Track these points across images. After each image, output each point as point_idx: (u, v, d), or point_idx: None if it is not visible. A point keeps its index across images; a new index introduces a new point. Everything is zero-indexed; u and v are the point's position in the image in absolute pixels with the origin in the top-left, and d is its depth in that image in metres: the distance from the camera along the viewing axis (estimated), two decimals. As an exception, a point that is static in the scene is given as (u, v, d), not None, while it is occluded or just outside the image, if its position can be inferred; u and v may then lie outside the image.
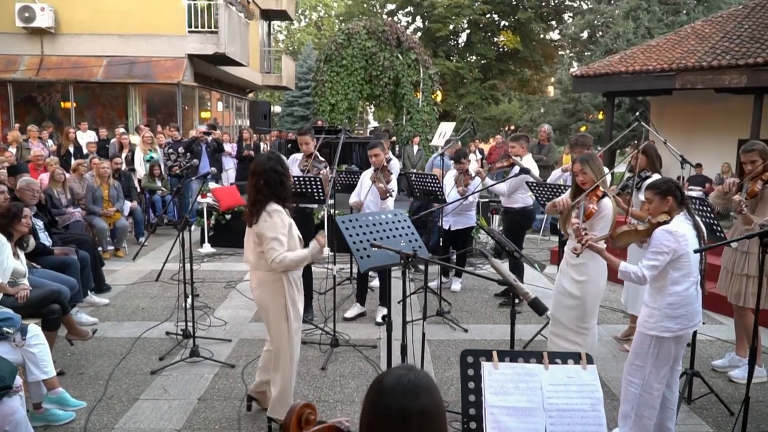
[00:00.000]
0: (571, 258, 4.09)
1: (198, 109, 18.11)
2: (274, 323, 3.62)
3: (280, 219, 3.45)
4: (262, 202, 3.47)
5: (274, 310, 3.58)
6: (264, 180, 3.47)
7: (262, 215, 3.44)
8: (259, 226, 3.45)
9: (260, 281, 3.60)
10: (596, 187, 3.93)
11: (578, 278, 4.06)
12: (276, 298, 3.56)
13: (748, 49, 11.91)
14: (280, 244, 3.40)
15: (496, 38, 33.00)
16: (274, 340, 3.65)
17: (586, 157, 4.09)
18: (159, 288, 6.81)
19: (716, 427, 3.88)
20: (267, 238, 3.40)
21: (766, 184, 4.27)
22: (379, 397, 1.41)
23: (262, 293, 3.61)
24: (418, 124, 14.79)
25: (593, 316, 4.18)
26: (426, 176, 6.16)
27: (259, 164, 3.56)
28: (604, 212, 3.95)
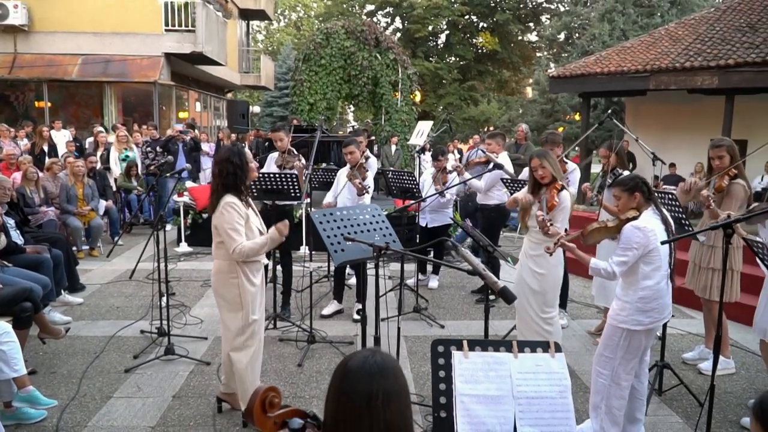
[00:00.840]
0: (530, 249, 4.29)
1: (175, 108, 17.95)
2: (227, 313, 3.66)
3: (236, 210, 3.52)
4: (218, 193, 3.58)
5: (228, 301, 3.64)
6: (219, 169, 3.59)
7: (218, 207, 3.54)
8: (215, 218, 3.56)
9: (217, 270, 3.68)
10: (555, 181, 4.10)
11: (538, 270, 4.24)
12: (229, 288, 3.62)
13: (719, 51, 12.14)
14: (237, 234, 3.48)
15: (475, 39, 33.21)
16: (227, 330, 3.67)
17: (543, 152, 4.28)
18: (134, 287, 6.75)
19: (686, 418, 3.96)
20: (223, 230, 3.50)
21: (733, 180, 4.38)
22: (344, 378, 1.43)
23: (217, 282, 3.69)
24: (397, 124, 14.81)
25: (555, 304, 4.36)
26: (403, 174, 6.19)
27: (220, 155, 3.67)
28: (563, 204, 4.16)
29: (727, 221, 2.73)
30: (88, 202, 8.15)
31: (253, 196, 5.22)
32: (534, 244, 4.26)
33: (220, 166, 3.59)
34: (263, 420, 1.52)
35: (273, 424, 1.54)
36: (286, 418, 1.55)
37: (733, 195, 4.35)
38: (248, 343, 3.66)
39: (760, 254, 2.87)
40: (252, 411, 1.51)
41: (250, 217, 3.63)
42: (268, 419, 1.53)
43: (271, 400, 1.53)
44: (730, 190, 4.38)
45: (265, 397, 1.52)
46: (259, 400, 1.51)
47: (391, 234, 3.47)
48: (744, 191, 4.34)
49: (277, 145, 5.60)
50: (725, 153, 4.40)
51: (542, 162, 4.14)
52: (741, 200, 4.32)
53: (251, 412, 1.51)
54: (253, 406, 1.50)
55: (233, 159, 3.57)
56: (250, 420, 1.52)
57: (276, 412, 1.54)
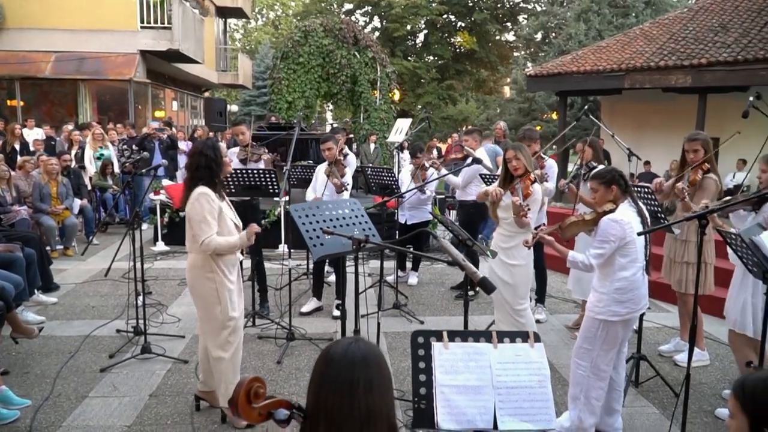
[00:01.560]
0: (501, 242, 4.35)
1: (151, 107, 17.73)
2: (204, 308, 3.61)
3: (207, 202, 3.46)
4: (191, 185, 3.53)
5: (204, 296, 3.58)
6: (191, 162, 3.56)
7: (189, 198, 3.49)
8: (187, 209, 3.51)
9: (192, 265, 3.61)
10: (528, 173, 4.19)
11: (509, 261, 4.29)
12: (205, 283, 3.55)
13: (692, 50, 12.34)
14: (208, 226, 3.42)
15: (453, 39, 33.37)
16: (205, 326, 3.63)
17: (517, 145, 4.38)
18: (110, 286, 6.65)
19: (662, 408, 4.02)
20: (194, 221, 3.45)
21: (706, 174, 4.44)
22: (327, 366, 1.42)
23: (192, 277, 3.62)
24: (376, 122, 14.83)
25: (526, 296, 4.42)
26: (382, 170, 6.19)
27: (193, 148, 3.67)
28: (536, 195, 4.25)
29: (703, 211, 2.77)
30: (62, 201, 8.01)
31: (231, 193, 5.17)
32: (505, 236, 4.31)
33: (193, 159, 3.55)
34: (248, 410, 1.50)
35: (258, 415, 1.52)
36: (272, 409, 1.53)
37: (705, 189, 4.41)
38: (229, 340, 3.61)
39: (733, 245, 2.92)
40: (237, 401, 1.48)
41: (223, 209, 3.58)
42: (253, 410, 1.51)
43: (256, 390, 1.51)
44: (702, 184, 4.44)
45: (250, 388, 1.50)
46: (244, 391, 1.49)
47: (371, 228, 3.46)
48: (716, 186, 4.41)
49: (239, 139, 5.59)
50: (700, 147, 4.47)
51: (516, 154, 4.22)
52: (712, 194, 4.38)
53: (236, 402, 1.48)
54: (238, 396, 1.48)
55: (207, 152, 3.54)
56: (235, 411, 1.49)
57: (261, 402, 1.52)
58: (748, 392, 1.54)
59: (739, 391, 1.57)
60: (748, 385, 1.55)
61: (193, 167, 3.54)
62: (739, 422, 1.55)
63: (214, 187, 3.56)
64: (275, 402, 1.54)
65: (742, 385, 1.57)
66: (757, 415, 1.51)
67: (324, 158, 5.75)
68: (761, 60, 11.04)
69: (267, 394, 1.55)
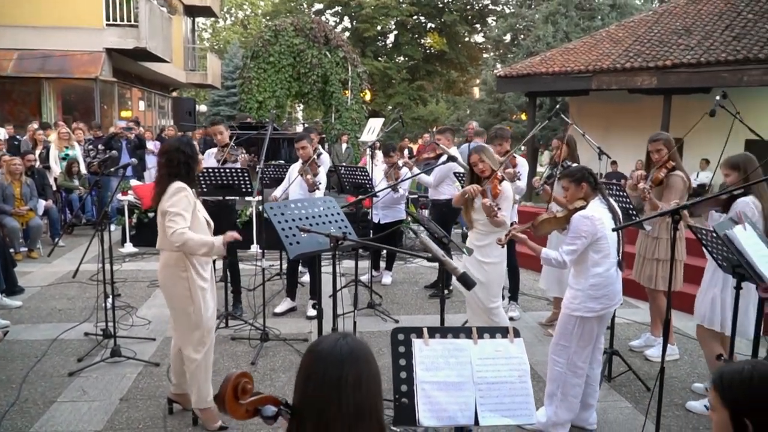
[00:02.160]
0: (476, 241, 4.34)
1: (118, 106, 17.39)
2: (177, 308, 3.53)
3: (185, 197, 3.39)
4: (165, 180, 3.44)
5: (178, 296, 3.49)
6: (167, 159, 3.46)
7: (167, 192, 3.40)
8: (162, 203, 3.40)
9: (164, 263, 3.52)
10: (495, 173, 4.21)
11: (484, 259, 4.27)
12: (179, 282, 3.47)
13: (657, 52, 12.61)
14: (182, 219, 3.34)
15: (423, 40, 33.49)
16: (178, 326, 3.56)
17: (479, 147, 4.38)
18: (77, 289, 6.49)
19: (635, 402, 4.08)
20: (168, 213, 3.34)
21: (671, 172, 4.52)
22: (314, 363, 1.39)
23: (164, 277, 3.53)
24: (347, 122, 14.79)
25: (499, 294, 4.41)
26: (356, 169, 6.17)
27: (167, 145, 3.58)
28: (506, 193, 4.25)
29: (675, 207, 2.82)
30: (26, 202, 7.80)
31: (203, 192, 5.10)
32: (480, 235, 4.31)
33: (169, 155, 3.45)
34: (235, 407, 1.46)
35: (245, 411, 1.48)
36: (259, 405, 1.50)
37: (672, 186, 4.48)
38: (203, 340, 3.54)
39: (704, 240, 2.98)
40: (224, 397, 1.45)
41: (197, 205, 3.52)
42: (240, 406, 1.47)
43: (244, 386, 1.48)
44: (669, 182, 4.51)
45: (237, 383, 1.47)
46: (231, 386, 1.45)
47: (347, 226, 3.44)
48: (683, 182, 4.49)
49: (217, 139, 5.50)
50: (662, 146, 4.55)
51: (481, 156, 4.22)
52: (680, 191, 4.46)
53: (223, 398, 1.45)
54: (225, 392, 1.45)
55: (184, 149, 3.47)
56: (221, 407, 1.46)
57: (248, 398, 1.49)
58: (727, 384, 1.56)
59: (718, 383, 1.59)
60: (726, 377, 1.57)
61: (169, 162, 3.44)
62: (720, 415, 1.58)
63: (190, 184, 3.49)
64: (262, 398, 1.51)
65: (720, 378, 1.59)
66: (737, 406, 1.53)
67: (297, 158, 5.71)
68: (723, 62, 11.34)
69: (254, 390, 1.52)
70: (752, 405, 1.51)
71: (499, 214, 3.97)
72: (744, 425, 1.52)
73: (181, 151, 3.45)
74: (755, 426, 1.50)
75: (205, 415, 3.61)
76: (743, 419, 1.52)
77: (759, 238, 2.59)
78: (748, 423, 1.51)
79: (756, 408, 1.51)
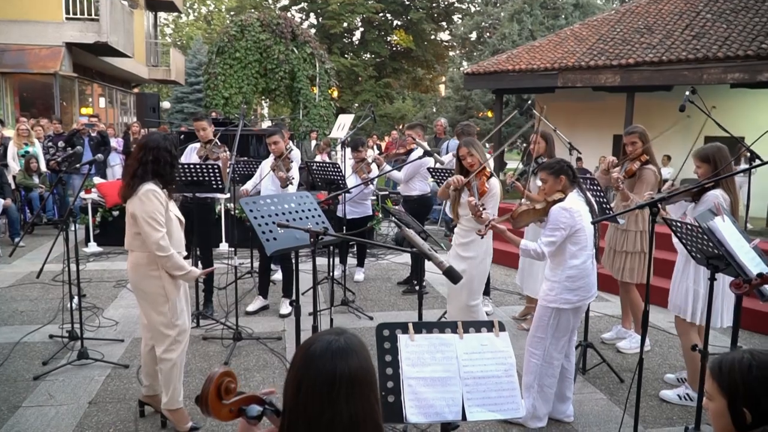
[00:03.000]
0: (460, 237, 4.33)
1: (78, 103, 16.91)
2: (151, 309, 3.43)
3: (157, 199, 3.29)
4: (141, 177, 3.30)
5: (151, 295, 3.40)
6: (154, 156, 3.32)
7: (138, 193, 3.27)
8: (134, 204, 3.28)
9: (135, 263, 3.41)
10: (483, 168, 4.16)
11: (465, 254, 4.23)
12: (151, 281, 3.38)
13: (620, 51, 12.85)
14: (159, 225, 3.25)
15: (390, 37, 33.48)
16: (153, 326, 3.46)
17: (470, 140, 4.34)
18: (40, 290, 6.27)
19: (609, 394, 4.13)
20: (143, 220, 3.23)
21: (644, 165, 4.60)
22: (309, 362, 1.33)
23: (136, 277, 3.42)
24: (315, 118, 14.67)
25: (480, 293, 4.39)
26: (327, 165, 6.10)
27: (152, 140, 3.40)
28: (493, 191, 4.20)
29: (654, 200, 2.85)
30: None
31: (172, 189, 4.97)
32: (464, 231, 4.28)
33: (154, 152, 3.31)
34: (218, 407, 1.39)
35: (229, 412, 1.41)
36: (243, 405, 1.43)
37: (644, 179, 4.56)
38: (178, 339, 3.45)
39: (678, 233, 3.02)
40: (206, 398, 1.37)
41: (170, 206, 3.42)
42: (224, 406, 1.40)
43: (227, 385, 1.41)
44: (641, 175, 4.59)
45: (220, 383, 1.39)
46: (214, 386, 1.38)
47: (324, 221, 3.39)
48: (654, 176, 4.57)
49: (200, 135, 5.34)
50: (637, 139, 4.62)
51: (470, 150, 4.19)
52: (652, 185, 4.53)
53: (206, 398, 1.37)
54: (208, 392, 1.37)
55: (170, 149, 3.37)
56: (204, 408, 1.38)
57: (232, 398, 1.42)
58: (725, 373, 1.57)
59: (717, 372, 1.59)
60: (725, 366, 1.58)
61: (156, 160, 3.31)
62: (717, 403, 1.58)
63: (166, 185, 3.39)
64: (246, 398, 1.45)
65: (718, 367, 1.59)
66: (736, 395, 1.54)
67: (265, 155, 5.61)
68: (684, 60, 11.61)
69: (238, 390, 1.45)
70: (751, 394, 1.52)
71: (484, 214, 3.86)
72: (742, 414, 1.52)
73: (168, 151, 3.35)
74: (753, 415, 1.51)
75: (175, 417, 3.52)
76: (741, 408, 1.52)
77: (736, 230, 2.64)
78: (746, 412, 1.52)
79: (754, 397, 1.52)
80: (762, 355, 1.57)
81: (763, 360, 1.55)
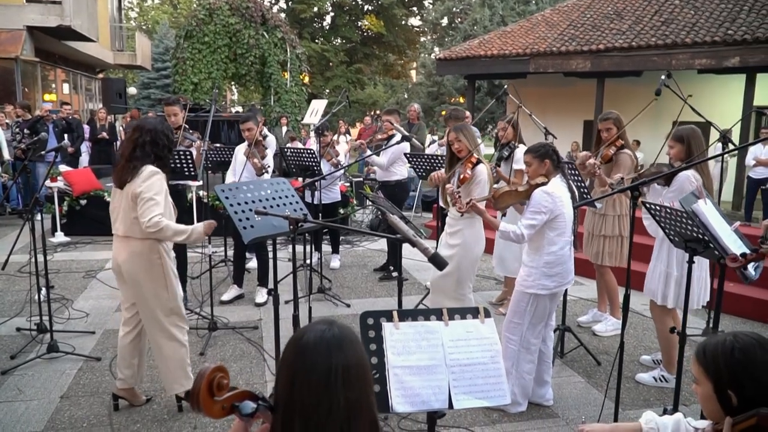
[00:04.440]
0: (449, 227, 4.27)
1: (41, 89, 16.39)
2: (149, 296, 3.36)
3: (160, 182, 3.23)
4: (140, 160, 3.24)
5: (151, 282, 3.34)
6: (152, 138, 3.28)
7: (140, 174, 3.20)
8: (136, 184, 3.19)
9: (132, 252, 3.31)
10: (471, 154, 4.10)
11: (453, 242, 4.17)
12: (152, 268, 3.32)
13: (591, 37, 12.94)
14: (157, 206, 3.17)
15: (361, 22, 33.21)
16: (149, 314, 3.40)
17: (460, 126, 4.27)
18: (5, 282, 6.07)
19: (587, 377, 4.17)
20: (144, 198, 3.15)
21: (619, 150, 4.64)
22: (301, 354, 1.28)
23: (134, 266, 3.32)
24: (287, 104, 14.47)
25: (469, 282, 4.30)
26: (302, 151, 6.01)
27: (149, 122, 3.38)
28: (479, 177, 4.11)
29: (634, 184, 2.86)
30: (-57, 190, 7.23)
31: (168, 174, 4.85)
32: (453, 219, 4.20)
33: (152, 134, 3.28)
34: (210, 404, 1.33)
35: (221, 409, 1.35)
36: (236, 402, 1.37)
37: (621, 164, 4.61)
38: (179, 324, 3.48)
39: (657, 216, 3.04)
40: (198, 394, 1.31)
41: (167, 194, 3.37)
42: (216, 403, 1.33)
43: (219, 381, 1.34)
44: (618, 159, 4.63)
45: (212, 378, 1.33)
46: (206, 382, 1.31)
47: (302, 208, 3.33)
48: (631, 160, 4.61)
49: (171, 121, 5.18)
50: (612, 125, 4.66)
51: (458, 136, 4.13)
52: (629, 168, 4.57)
53: (197, 395, 1.31)
54: (199, 389, 1.31)
55: (168, 134, 3.34)
56: (195, 405, 1.32)
57: (225, 395, 1.36)
58: (710, 357, 1.57)
59: (701, 356, 1.59)
60: (710, 350, 1.58)
61: (154, 144, 3.27)
62: (704, 388, 1.59)
63: (162, 170, 3.33)
64: (239, 393, 1.38)
65: (703, 351, 1.60)
66: (720, 379, 1.54)
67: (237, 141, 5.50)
68: (653, 46, 11.75)
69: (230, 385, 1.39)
70: (734, 377, 1.52)
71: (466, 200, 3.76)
72: (728, 397, 1.53)
73: (165, 135, 3.32)
74: (739, 397, 1.51)
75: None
76: (727, 391, 1.53)
77: (718, 213, 2.66)
78: (732, 395, 1.52)
79: (738, 379, 1.52)
80: (745, 338, 1.57)
81: (745, 342, 1.55)
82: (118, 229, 3.36)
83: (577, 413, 3.67)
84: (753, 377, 1.51)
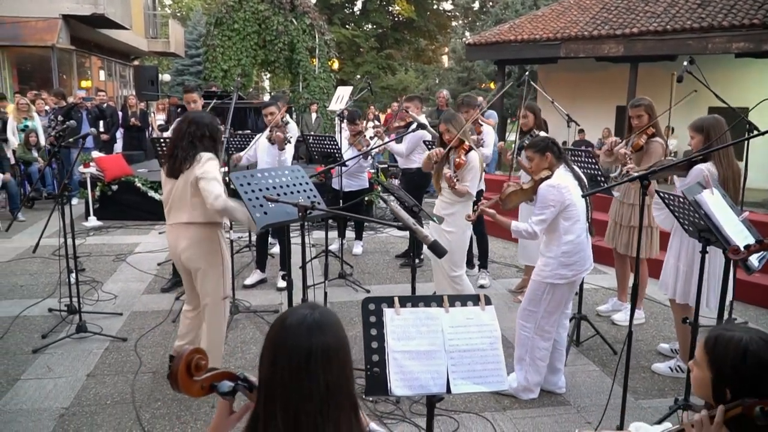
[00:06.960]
0: (441, 209, 4.39)
1: (77, 76, 16.79)
2: (212, 281, 3.55)
3: (216, 166, 3.39)
4: (197, 148, 3.39)
5: (211, 269, 3.53)
6: (209, 131, 3.45)
7: (201, 160, 3.36)
8: (196, 169, 3.34)
9: (193, 240, 3.47)
10: (462, 142, 4.21)
11: (447, 228, 4.29)
12: (213, 257, 3.52)
13: (624, 20, 12.64)
14: (220, 185, 3.34)
15: (391, 7, 33.02)
16: (210, 297, 3.58)
17: (448, 116, 4.37)
18: (39, 264, 6.31)
19: (602, 366, 4.16)
20: (207, 179, 3.29)
21: (651, 138, 4.53)
22: (283, 336, 1.33)
23: (194, 253, 3.49)
24: (315, 91, 14.56)
25: (461, 264, 4.46)
26: (324, 138, 6.06)
27: (202, 117, 3.55)
28: (471, 164, 4.24)
29: (643, 173, 2.83)
30: (-18, 176, 7.51)
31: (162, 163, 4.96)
32: (445, 203, 4.34)
33: (209, 128, 3.45)
34: (189, 384, 1.40)
35: (200, 388, 1.42)
36: (214, 382, 1.45)
37: (652, 153, 4.48)
38: (226, 311, 3.73)
39: (671, 206, 3.01)
40: (176, 374, 1.38)
41: None
42: (194, 383, 1.41)
43: (197, 362, 1.41)
44: (648, 148, 4.52)
45: (190, 359, 1.40)
46: (184, 363, 1.39)
47: (316, 196, 3.38)
48: (662, 149, 4.49)
49: (190, 108, 5.28)
50: (644, 112, 4.54)
51: (447, 126, 4.26)
52: (659, 158, 4.43)
53: (176, 375, 1.38)
54: (178, 369, 1.38)
55: (219, 128, 3.55)
56: (175, 385, 1.39)
57: (203, 375, 1.43)
58: (720, 351, 1.55)
59: (711, 346, 1.57)
60: (720, 344, 1.56)
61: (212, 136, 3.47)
62: (703, 373, 1.58)
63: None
64: (218, 374, 1.46)
65: (714, 341, 1.57)
66: (723, 374, 1.54)
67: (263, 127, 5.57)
68: (688, 30, 11.43)
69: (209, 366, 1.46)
70: (737, 380, 1.52)
71: (459, 185, 3.95)
72: (723, 392, 1.53)
73: (216, 130, 3.49)
74: (733, 395, 1.52)
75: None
76: (725, 388, 1.53)
77: (726, 203, 2.62)
78: (728, 392, 1.53)
79: (740, 384, 1.52)
80: (760, 343, 1.53)
81: (758, 350, 1.51)
82: (179, 217, 3.49)
83: (590, 401, 3.68)
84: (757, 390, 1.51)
